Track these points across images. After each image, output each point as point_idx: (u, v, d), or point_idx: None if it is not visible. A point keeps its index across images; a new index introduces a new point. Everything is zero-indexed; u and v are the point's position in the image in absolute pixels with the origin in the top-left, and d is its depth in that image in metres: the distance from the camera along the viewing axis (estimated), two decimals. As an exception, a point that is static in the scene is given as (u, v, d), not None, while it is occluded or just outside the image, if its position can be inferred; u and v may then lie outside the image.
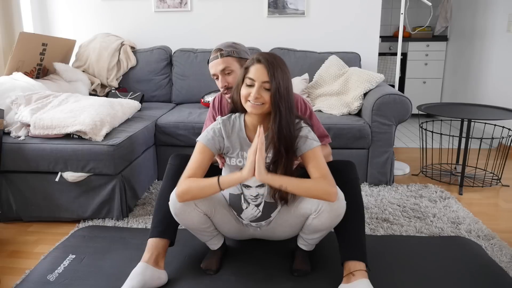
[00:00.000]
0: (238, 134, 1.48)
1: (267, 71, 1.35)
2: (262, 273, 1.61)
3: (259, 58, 1.38)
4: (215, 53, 1.64)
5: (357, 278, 1.44)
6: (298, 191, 1.34)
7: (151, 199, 2.36)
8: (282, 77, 1.37)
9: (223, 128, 1.47)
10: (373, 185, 2.56)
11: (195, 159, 1.44)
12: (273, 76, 1.35)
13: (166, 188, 1.61)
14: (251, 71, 1.38)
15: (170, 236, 1.59)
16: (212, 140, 1.45)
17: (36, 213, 2.12)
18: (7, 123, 2.17)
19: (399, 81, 3.11)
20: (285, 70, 1.39)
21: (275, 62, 1.37)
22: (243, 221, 1.60)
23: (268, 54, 1.41)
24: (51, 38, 2.78)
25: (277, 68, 1.36)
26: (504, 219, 2.18)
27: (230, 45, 1.67)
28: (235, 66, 1.64)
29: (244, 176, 1.31)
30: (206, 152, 1.44)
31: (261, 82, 1.36)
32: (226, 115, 1.51)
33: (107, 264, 1.70)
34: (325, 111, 2.72)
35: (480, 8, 3.97)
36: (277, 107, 1.36)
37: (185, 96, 3.14)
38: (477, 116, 2.45)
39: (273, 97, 1.36)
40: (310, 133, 1.44)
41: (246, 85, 1.39)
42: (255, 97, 1.36)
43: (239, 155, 1.49)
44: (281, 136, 1.39)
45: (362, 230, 1.53)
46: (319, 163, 1.40)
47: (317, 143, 1.43)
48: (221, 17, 3.32)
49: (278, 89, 1.35)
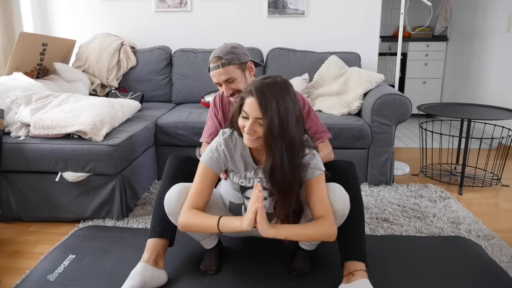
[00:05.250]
0: (242, 154, 1.43)
1: (259, 107, 1.23)
2: (262, 273, 1.61)
3: (253, 90, 1.25)
4: (216, 62, 1.61)
5: (357, 278, 1.44)
6: (303, 239, 1.35)
7: (151, 199, 2.36)
8: (277, 112, 1.23)
9: (226, 148, 1.41)
10: (373, 185, 2.56)
11: (197, 185, 1.39)
12: (266, 113, 1.23)
13: (165, 189, 1.61)
14: (246, 103, 1.28)
15: (169, 236, 1.59)
16: (217, 162, 1.41)
17: (36, 213, 2.12)
18: (7, 123, 2.17)
19: (399, 81, 3.11)
20: (284, 100, 1.25)
21: (270, 94, 1.24)
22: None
23: (265, 83, 1.26)
24: (51, 38, 2.78)
25: (271, 101, 1.23)
26: (504, 219, 2.18)
27: (229, 51, 1.63)
28: (237, 74, 1.63)
29: (244, 228, 1.26)
30: (209, 176, 1.40)
31: (254, 118, 1.26)
32: (228, 133, 1.42)
33: (107, 264, 1.70)
34: (325, 111, 2.72)
35: (480, 8, 3.97)
36: (269, 146, 1.26)
37: (185, 96, 3.14)
38: (477, 116, 2.45)
39: (265, 136, 1.25)
40: (313, 160, 1.36)
41: (242, 117, 1.30)
42: (248, 132, 1.28)
43: (242, 176, 1.46)
44: (274, 178, 1.30)
45: (362, 230, 1.53)
46: (322, 197, 1.35)
47: (319, 172, 1.37)
48: (221, 17, 3.32)
49: (271, 127, 1.23)
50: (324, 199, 1.36)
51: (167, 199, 1.46)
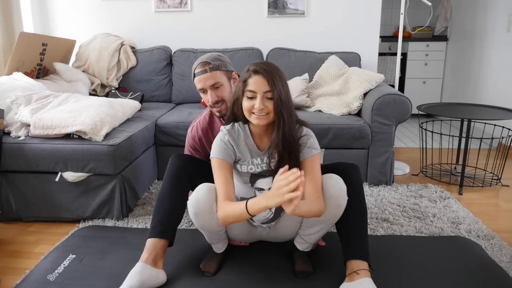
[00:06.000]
0: (246, 142, 1.50)
1: (267, 81, 1.36)
2: (262, 274, 1.61)
3: (256, 69, 1.38)
4: (202, 67, 1.63)
5: (360, 276, 1.44)
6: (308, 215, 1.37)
7: (151, 199, 2.36)
8: (282, 84, 1.38)
9: (231, 138, 1.48)
10: (373, 185, 2.56)
11: (219, 178, 1.44)
12: (274, 85, 1.36)
13: (166, 188, 1.61)
14: (250, 83, 1.38)
15: (169, 237, 1.58)
16: (226, 152, 1.46)
17: (36, 213, 2.12)
18: (7, 123, 2.17)
19: (399, 81, 3.12)
20: (282, 77, 1.40)
21: (273, 70, 1.38)
22: (254, 222, 1.62)
23: (263, 63, 1.41)
24: (51, 38, 2.78)
25: (275, 76, 1.37)
26: (504, 219, 2.18)
27: (216, 57, 1.66)
28: (224, 80, 1.66)
29: (271, 206, 1.25)
30: (224, 165, 1.45)
31: (262, 93, 1.37)
32: (229, 126, 1.50)
33: (107, 264, 1.70)
34: (325, 111, 2.72)
35: (480, 8, 3.97)
36: (280, 114, 1.38)
37: (185, 96, 3.14)
38: (477, 116, 2.45)
39: (276, 105, 1.37)
40: (309, 140, 1.46)
41: (247, 98, 1.39)
42: (260, 109, 1.37)
43: (249, 163, 1.51)
44: (285, 142, 1.41)
45: (365, 230, 1.54)
46: (315, 176, 1.43)
47: (316, 151, 1.46)
48: (221, 17, 3.33)
49: (280, 96, 1.36)
50: (315, 178, 1.42)
51: (194, 199, 1.44)
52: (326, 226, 1.53)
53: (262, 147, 1.51)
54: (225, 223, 1.41)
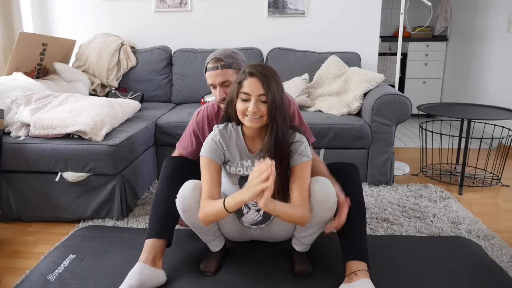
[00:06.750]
0: (237, 143, 1.49)
1: (262, 84, 1.34)
2: (262, 274, 1.61)
3: (251, 71, 1.36)
4: (215, 63, 1.60)
5: (359, 277, 1.44)
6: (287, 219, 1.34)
7: (151, 199, 2.36)
8: (277, 88, 1.36)
9: (222, 139, 1.47)
10: (373, 185, 2.56)
11: (205, 176, 1.44)
12: (269, 88, 1.34)
13: (162, 190, 1.61)
14: (245, 85, 1.37)
15: (167, 237, 1.59)
16: (215, 152, 1.46)
17: (36, 213, 2.12)
18: (7, 123, 2.18)
19: (399, 81, 3.11)
20: (278, 80, 1.38)
21: (268, 73, 1.36)
22: (244, 223, 1.62)
23: (260, 65, 1.39)
24: (51, 38, 2.78)
25: (270, 79, 1.35)
26: (504, 219, 2.18)
27: (229, 54, 1.63)
28: (234, 78, 1.62)
29: (246, 200, 1.26)
30: (212, 165, 1.44)
31: (257, 96, 1.35)
32: (222, 125, 1.50)
33: (107, 264, 1.70)
34: (325, 111, 2.72)
35: (480, 8, 3.97)
36: (273, 118, 1.37)
37: (185, 96, 3.14)
38: (477, 116, 2.45)
39: (270, 109, 1.35)
40: (300, 147, 1.44)
41: (241, 100, 1.38)
42: (253, 112, 1.35)
43: (238, 165, 1.51)
44: (277, 147, 1.39)
45: (364, 231, 1.54)
46: (303, 183, 1.41)
47: (307, 158, 1.43)
48: (221, 17, 3.33)
49: (274, 100, 1.35)
50: (303, 185, 1.41)
51: (181, 196, 1.45)
52: (320, 228, 1.53)
53: (254, 150, 1.50)
54: (206, 222, 1.39)
